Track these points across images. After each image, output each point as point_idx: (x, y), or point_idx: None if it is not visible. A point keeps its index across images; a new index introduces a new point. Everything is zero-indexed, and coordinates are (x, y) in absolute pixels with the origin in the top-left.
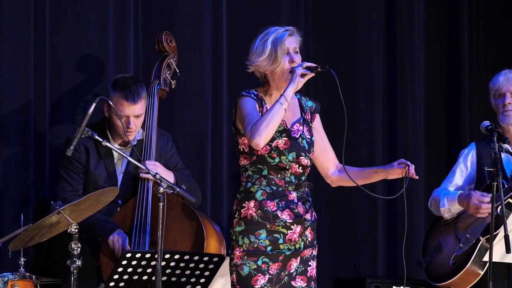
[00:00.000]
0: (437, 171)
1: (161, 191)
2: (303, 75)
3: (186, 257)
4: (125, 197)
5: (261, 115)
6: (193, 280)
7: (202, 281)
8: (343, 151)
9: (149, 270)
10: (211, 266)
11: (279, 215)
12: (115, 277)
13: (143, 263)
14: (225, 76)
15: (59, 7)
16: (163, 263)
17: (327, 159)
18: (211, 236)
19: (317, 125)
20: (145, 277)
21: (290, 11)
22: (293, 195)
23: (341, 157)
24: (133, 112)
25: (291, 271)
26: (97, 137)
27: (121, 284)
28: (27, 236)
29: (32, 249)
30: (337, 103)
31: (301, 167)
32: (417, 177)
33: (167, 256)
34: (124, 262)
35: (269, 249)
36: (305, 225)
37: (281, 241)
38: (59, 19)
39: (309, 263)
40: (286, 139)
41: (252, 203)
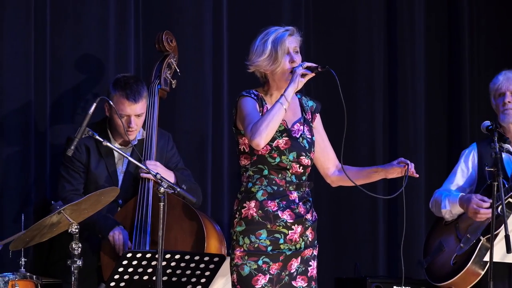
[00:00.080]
0: (438, 171)
1: (161, 191)
2: (303, 75)
3: (186, 257)
4: (125, 197)
5: (261, 115)
6: (193, 280)
7: (202, 281)
8: (341, 151)
9: (150, 270)
10: (211, 266)
11: (280, 215)
12: (116, 277)
13: (144, 263)
14: (226, 76)
15: (59, 7)
16: (164, 263)
17: (327, 159)
18: (211, 236)
19: (317, 125)
20: (145, 277)
21: (290, 11)
22: (294, 195)
23: (341, 157)
24: (134, 111)
25: (292, 271)
26: (97, 137)
27: (122, 284)
28: (28, 236)
29: (32, 249)
30: (338, 103)
31: (301, 167)
32: (417, 175)
33: (168, 256)
34: (124, 262)
35: (269, 249)
36: (306, 225)
37: (281, 241)
38: (59, 19)
39: (310, 263)
40: (286, 139)
41: (252, 203)
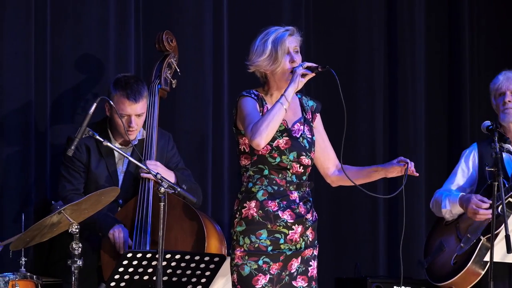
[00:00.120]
0: (438, 171)
1: (162, 191)
2: (303, 75)
3: (187, 257)
4: (126, 197)
5: (261, 115)
6: (194, 280)
7: (203, 281)
8: (341, 151)
9: (150, 270)
10: (212, 266)
11: (280, 215)
12: (116, 277)
13: (144, 263)
14: (226, 75)
15: (60, 7)
16: (164, 263)
17: (328, 158)
18: (212, 236)
19: (318, 124)
20: (146, 277)
21: (291, 11)
22: (295, 195)
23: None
24: (135, 111)
25: (292, 271)
26: (98, 137)
27: (122, 284)
28: (28, 236)
29: (33, 249)
30: (338, 103)
31: (302, 167)
32: (417, 174)
33: (168, 256)
34: (125, 262)
35: (270, 249)
36: (306, 225)
37: (282, 241)
38: (59, 19)
39: (310, 263)
40: (287, 138)
41: (253, 203)
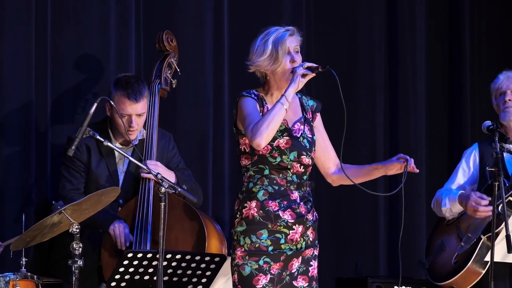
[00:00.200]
0: (439, 171)
1: (162, 191)
2: (304, 75)
3: (187, 257)
4: (126, 197)
5: (262, 115)
6: (194, 280)
7: (203, 281)
8: (341, 150)
9: (151, 270)
10: (212, 266)
11: (281, 215)
12: (117, 277)
13: (145, 263)
14: (226, 75)
15: (60, 7)
16: (165, 263)
17: (328, 158)
18: (212, 236)
19: (318, 124)
20: (146, 277)
21: (291, 11)
22: (295, 195)
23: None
24: (135, 110)
25: (293, 271)
26: (98, 137)
27: (123, 284)
28: (29, 236)
29: (33, 249)
30: (338, 103)
31: (302, 167)
32: (417, 171)
33: (169, 256)
34: (125, 262)
35: (270, 249)
36: (307, 225)
37: (282, 241)
38: (60, 19)
39: (311, 263)
40: (287, 138)
41: (253, 203)
